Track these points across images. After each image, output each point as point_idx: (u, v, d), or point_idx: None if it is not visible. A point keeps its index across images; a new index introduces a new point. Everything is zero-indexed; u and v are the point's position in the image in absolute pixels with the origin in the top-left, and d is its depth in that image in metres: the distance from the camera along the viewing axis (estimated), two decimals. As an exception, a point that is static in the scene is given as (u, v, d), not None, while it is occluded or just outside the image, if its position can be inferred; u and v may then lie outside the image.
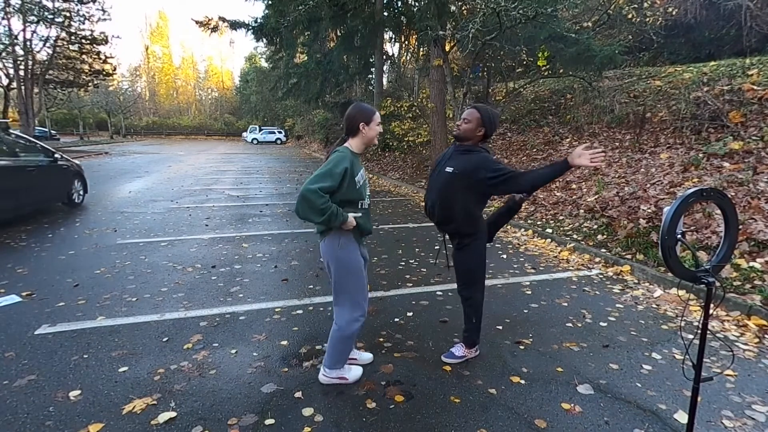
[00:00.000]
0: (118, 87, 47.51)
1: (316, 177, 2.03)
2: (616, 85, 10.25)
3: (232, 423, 2.07)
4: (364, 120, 2.19)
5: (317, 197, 1.98)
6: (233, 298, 3.66)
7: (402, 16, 13.53)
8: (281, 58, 17.86)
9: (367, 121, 2.19)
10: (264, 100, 44.45)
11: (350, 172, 2.10)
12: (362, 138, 2.22)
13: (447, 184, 2.42)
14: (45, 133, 31.32)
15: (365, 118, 2.19)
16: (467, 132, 2.42)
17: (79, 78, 23.13)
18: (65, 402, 2.21)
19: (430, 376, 2.51)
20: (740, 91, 6.78)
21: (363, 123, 2.18)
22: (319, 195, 1.99)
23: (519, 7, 7.37)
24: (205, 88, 69.58)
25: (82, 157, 19.17)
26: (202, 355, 2.70)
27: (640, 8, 11.09)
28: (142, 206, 7.86)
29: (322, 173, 2.05)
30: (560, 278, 4.25)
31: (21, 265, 4.38)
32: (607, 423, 2.10)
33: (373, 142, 2.26)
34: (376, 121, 2.22)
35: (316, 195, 1.98)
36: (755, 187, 4.67)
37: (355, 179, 2.15)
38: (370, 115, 2.20)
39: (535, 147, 9.76)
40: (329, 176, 2.04)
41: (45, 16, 19.43)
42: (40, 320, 3.15)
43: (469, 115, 2.41)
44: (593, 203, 5.90)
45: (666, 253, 1.53)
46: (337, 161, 2.09)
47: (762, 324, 3.09)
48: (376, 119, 2.22)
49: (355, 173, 2.14)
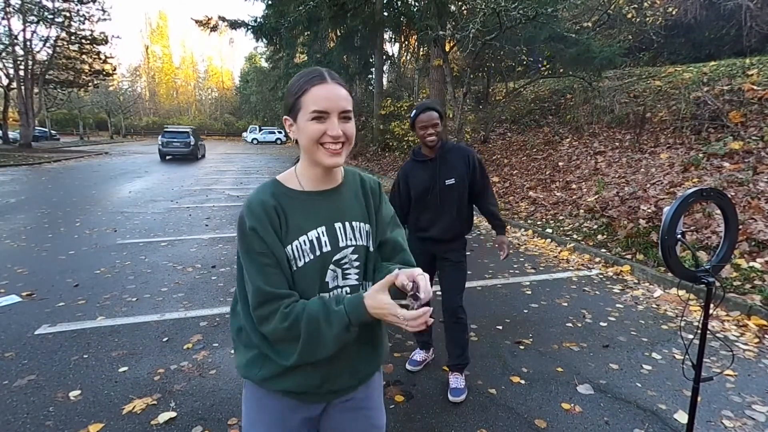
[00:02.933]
0: (118, 87, 47.52)
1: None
2: (616, 85, 10.25)
3: (232, 423, 2.07)
4: (290, 106, 0.93)
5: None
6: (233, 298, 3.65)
7: (402, 16, 13.53)
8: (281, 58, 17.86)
9: (292, 108, 0.92)
10: (264, 100, 44.40)
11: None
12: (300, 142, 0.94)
13: (459, 197, 2.26)
14: (45, 133, 31.34)
15: (288, 101, 0.93)
16: (441, 133, 2.24)
17: (79, 78, 23.16)
18: (65, 402, 2.21)
19: (430, 376, 2.51)
20: (740, 91, 6.79)
21: (287, 116, 0.95)
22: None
23: (519, 7, 7.37)
24: (205, 88, 69.55)
25: (81, 157, 19.19)
26: (202, 355, 2.70)
27: (640, 8, 11.10)
28: (142, 206, 7.86)
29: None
30: (560, 278, 4.25)
31: (21, 265, 4.38)
32: (607, 423, 2.09)
33: (323, 160, 0.92)
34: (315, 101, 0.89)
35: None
36: (755, 187, 4.67)
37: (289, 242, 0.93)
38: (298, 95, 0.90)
39: (535, 147, 9.75)
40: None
41: (45, 16, 19.43)
42: (40, 320, 3.15)
43: (435, 118, 2.16)
44: (593, 203, 5.90)
45: (666, 253, 1.52)
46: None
47: (762, 324, 3.08)
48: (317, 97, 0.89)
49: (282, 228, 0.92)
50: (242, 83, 54.93)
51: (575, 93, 11.05)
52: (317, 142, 0.89)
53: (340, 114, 0.90)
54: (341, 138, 0.90)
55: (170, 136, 18.63)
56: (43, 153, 19.51)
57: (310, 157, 0.94)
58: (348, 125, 0.91)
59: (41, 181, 11.28)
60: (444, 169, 2.23)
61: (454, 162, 2.25)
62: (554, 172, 7.98)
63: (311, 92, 0.88)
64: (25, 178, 11.81)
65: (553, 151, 9.14)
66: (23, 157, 17.12)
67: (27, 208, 7.41)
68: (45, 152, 19.96)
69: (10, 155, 17.12)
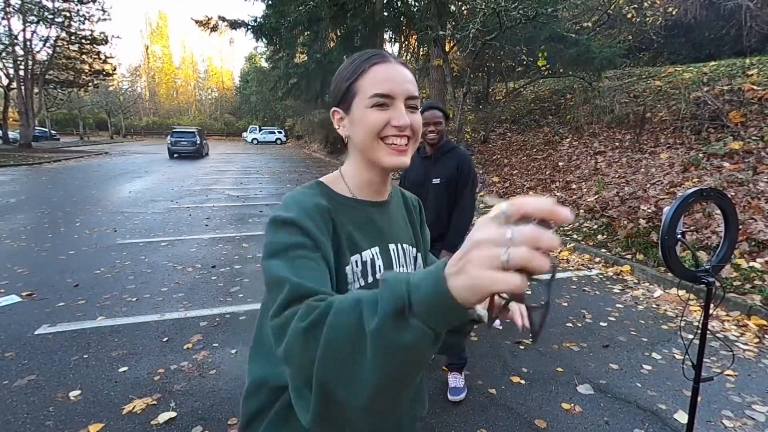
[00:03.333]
0: (118, 87, 47.55)
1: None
2: (616, 85, 10.25)
3: (232, 423, 2.07)
4: (341, 94, 0.75)
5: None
6: (233, 298, 3.65)
7: (402, 16, 13.53)
8: (281, 58, 17.84)
9: (344, 96, 0.75)
10: (264, 100, 44.42)
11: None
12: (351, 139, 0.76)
13: (442, 197, 2.28)
14: (45, 133, 31.32)
15: (340, 88, 0.75)
16: (442, 132, 2.27)
17: (79, 78, 23.18)
18: (65, 402, 2.21)
19: (430, 376, 2.51)
20: (740, 91, 6.78)
21: (336, 107, 0.77)
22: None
23: (519, 7, 7.37)
24: (205, 88, 69.59)
25: (81, 157, 19.19)
26: (202, 355, 2.70)
27: (640, 8, 11.10)
28: (142, 206, 7.86)
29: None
30: (560, 278, 4.25)
31: (21, 265, 4.38)
32: (607, 423, 2.10)
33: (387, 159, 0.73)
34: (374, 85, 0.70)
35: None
36: (755, 187, 4.67)
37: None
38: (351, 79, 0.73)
39: (535, 147, 9.75)
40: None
41: (45, 16, 19.44)
42: (40, 320, 3.15)
43: (438, 117, 2.22)
44: (593, 203, 5.90)
45: (666, 253, 1.52)
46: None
47: (762, 324, 3.08)
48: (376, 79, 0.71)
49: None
50: (242, 83, 54.98)
51: (575, 93, 11.05)
52: (377, 136, 0.71)
53: (407, 100, 0.71)
54: (407, 131, 0.71)
55: (178, 135, 20.07)
56: (43, 153, 19.51)
57: (365, 157, 0.74)
58: (415, 116, 0.73)
59: (41, 181, 11.28)
60: (437, 168, 2.29)
61: (447, 163, 2.29)
62: (554, 172, 7.98)
63: (371, 73, 0.71)
64: (25, 178, 11.81)
65: (553, 151, 9.14)
66: (23, 157, 17.13)
67: (27, 208, 7.41)
68: (45, 152, 19.97)
69: (10, 155, 17.13)
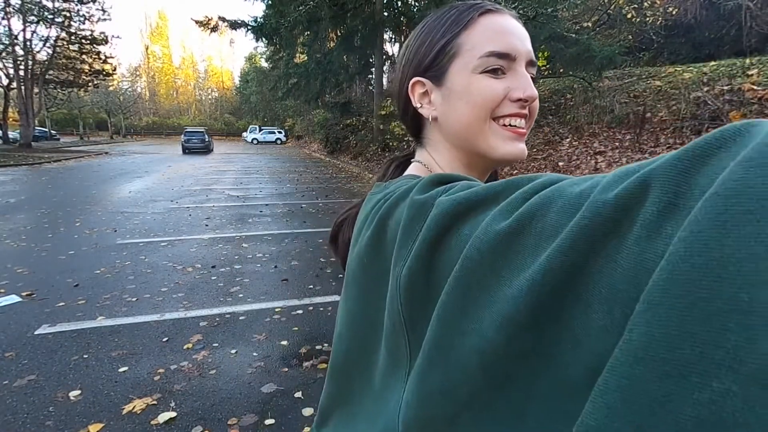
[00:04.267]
0: (118, 87, 47.58)
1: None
2: (616, 85, 10.26)
3: (232, 423, 2.07)
4: (431, 57, 0.50)
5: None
6: (233, 298, 3.65)
7: (402, 16, 13.55)
8: (281, 58, 17.89)
9: (435, 59, 0.50)
10: (264, 100, 44.50)
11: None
12: (442, 121, 0.52)
13: None
14: (45, 133, 31.36)
15: (431, 46, 0.50)
16: None
17: (79, 78, 23.21)
18: (65, 402, 2.21)
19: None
20: (740, 91, 6.79)
21: (421, 76, 0.52)
22: None
23: (519, 7, 7.38)
24: (205, 88, 69.63)
25: (81, 157, 19.20)
26: (202, 355, 2.70)
27: (640, 8, 11.11)
28: (142, 206, 7.86)
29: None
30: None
31: (21, 265, 4.38)
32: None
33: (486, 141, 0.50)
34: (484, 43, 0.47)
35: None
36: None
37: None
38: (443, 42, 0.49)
39: (535, 147, 9.76)
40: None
41: (45, 16, 19.46)
42: (40, 320, 3.15)
43: None
44: (593, 203, 5.90)
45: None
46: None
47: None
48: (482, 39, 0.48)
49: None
50: (242, 83, 55.06)
51: (575, 93, 11.05)
52: (489, 115, 0.49)
53: (528, 64, 0.50)
54: (526, 108, 0.50)
55: (190, 135, 24.90)
56: (43, 153, 19.52)
57: (465, 147, 0.52)
58: (534, 89, 0.49)
59: (41, 181, 11.29)
60: None
61: None
62: (554, 172, 7.96)
63: (481, 23, 0.48)
64: (25, 178, 11.81)
65: (553, 151, 9.14)
66: (23, 157, 17.14)
67: (27, 208, 7.41)
68: (45, 152, 19.98)
69: (10, 155, 17.14)
